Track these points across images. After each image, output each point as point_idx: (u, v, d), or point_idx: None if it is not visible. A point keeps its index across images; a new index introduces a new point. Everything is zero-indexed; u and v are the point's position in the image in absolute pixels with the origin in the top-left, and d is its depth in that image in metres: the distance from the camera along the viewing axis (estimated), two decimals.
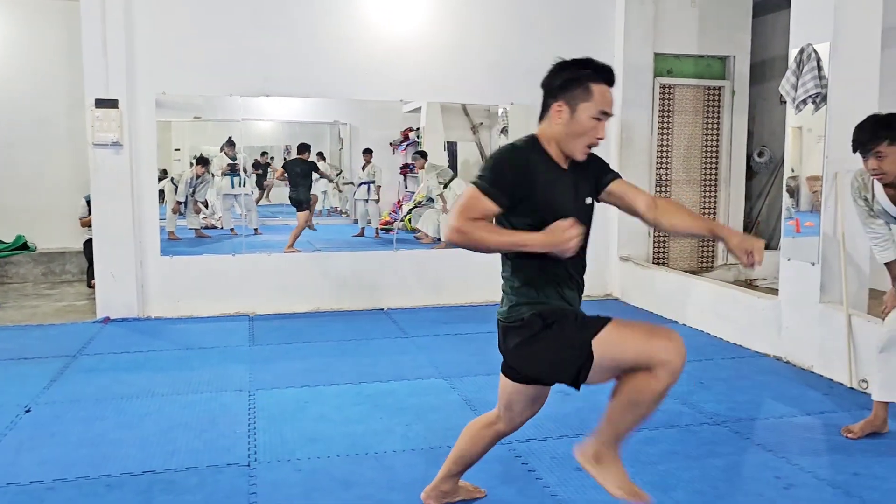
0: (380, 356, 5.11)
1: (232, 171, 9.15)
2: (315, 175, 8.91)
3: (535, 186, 2.26)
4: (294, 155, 9.01)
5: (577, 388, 2.32)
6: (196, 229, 9.01)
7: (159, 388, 4.35)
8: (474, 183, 2.24)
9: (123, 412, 3.93)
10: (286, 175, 8.50)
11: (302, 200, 8.33)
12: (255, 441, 3.51)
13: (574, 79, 2.27)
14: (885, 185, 3.35)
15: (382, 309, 6.71)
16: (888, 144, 3.19)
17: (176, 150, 10.35)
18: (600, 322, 2.27)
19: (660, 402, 2.29)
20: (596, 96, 2.26)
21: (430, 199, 8.98)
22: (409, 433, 3.65)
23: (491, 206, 2.23)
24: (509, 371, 2.46)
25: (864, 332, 4.36)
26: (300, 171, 8.45)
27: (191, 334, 5.75)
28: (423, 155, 8.88)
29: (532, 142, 2.34)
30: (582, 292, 2.47)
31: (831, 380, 4.56)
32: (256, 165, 10.33)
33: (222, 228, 9.41)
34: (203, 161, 8.96)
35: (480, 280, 7.05)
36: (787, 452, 3.41)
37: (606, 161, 2.60)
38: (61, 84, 8.09)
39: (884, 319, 3.61)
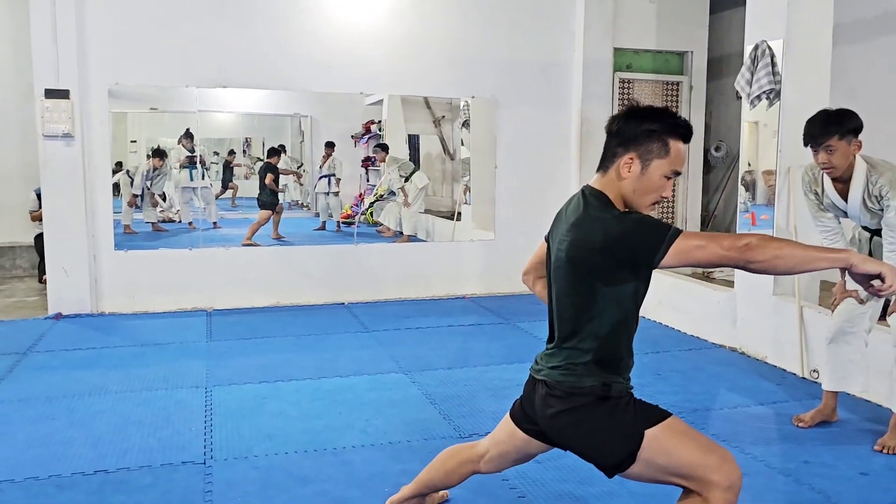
0: (340, 351, 5.08)
1: (190, 163, 8.98)
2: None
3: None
4: (255, 150, 8.98)
5: (611, 476, 2.12)
6: (153, 223, 8.83)
7: (113, 385, 4.26)
8: (674, 234, 1.91)
9: (75, 411, 3.84)
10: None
11: (265, 201, 8.33)
12: (212, 438, 3.46)
13: (653, 132, 2.04)
14: (834, 180, 3.42)
15: (343, 303, 6.67)
16: (838, 139, 3.26)
17: (132, 142, 10.12)
18: (660, 414, 2.09)
19: None
20: (672, 154, 2.04)
21: (392, 193, 8.95)
22: (368, 428, 3.63)
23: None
24: (526, 423, 2.29)
25: (815, 323, 4.46)
26: (264, 174, 8.49)
27: (146, 330, 5.64)
28: (385, 148, 8.84)
29: (612, 205, 2.06)
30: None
31: (784, 370, 4.66)
32: (227, 165, 10.23)
33: (180, 222, 9.24)
34: (159, 153, 8.78)
35: (441, 274, 7.07)
36: (741, 442, 3.48)
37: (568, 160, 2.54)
38: (7, 73, 7.85)
39: (833, 311, 3.70)
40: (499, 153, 7.17)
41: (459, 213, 8.09)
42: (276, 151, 8.82)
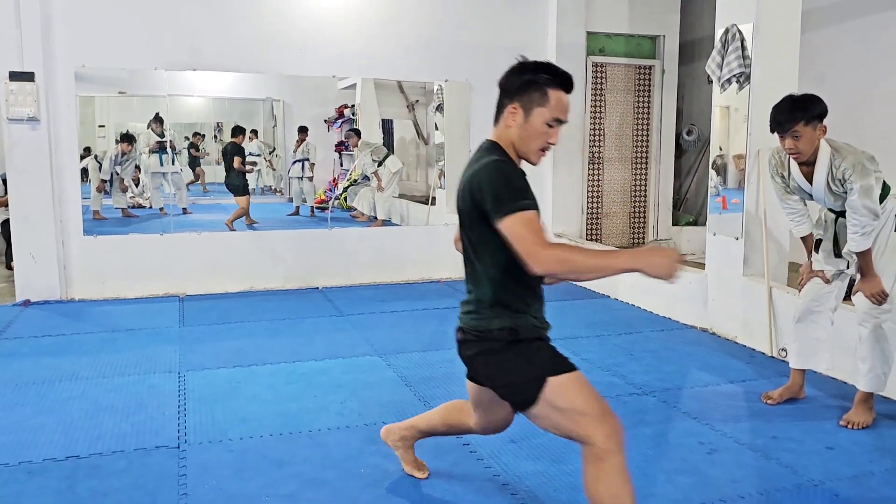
0: (314, 335, 5.07)
1: (160, 148, 8.84)
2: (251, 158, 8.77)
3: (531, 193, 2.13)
4: (227, 135, 8.80)
5: (520, 411, 2.26)
6: (123, 209, 8.70)
7: (83, 371, 4.21)
8: (522, 207, 2.01)
9: (45, 397, 3.79)
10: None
11: (237, 185, 8.15)
12: (185, 423, 3.44)
13: (532, 81, 2.17)
14: (800, 164, 3.48)
15: (317, 288, 6.65)
16: (804, 125, 3.31)
17: (100, 126, 9.94)
18: (568, 366, 2.18)
19: (627, 476, 2.11)
20: (552, 102, 2.16)
21: (366, 178, 8.91)
22: (343, 410, 3.63)
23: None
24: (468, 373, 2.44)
25: (783, 303, 4.54)
26: (231, 155, 8.27)
27: (117, 316, 5.58)
28: (357, 133, 8.79)
29: (503, 151, 2.21)
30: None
31: (753, 349, 4.74)
32: (193, 147, 10.04)
33: (151, 207, 9.12)
34: (128, 138, 8.63)
35: (415, 258, 7.07)
36: (711, 419, 3.54)
37: None
38: None
39: (800, 291, 3.77)
40: (473, 137, 7.16)
41: (434, 198, 8.09)
42: (240, 130, 8.63)
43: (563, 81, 2.19)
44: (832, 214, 3.62)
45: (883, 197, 3.42)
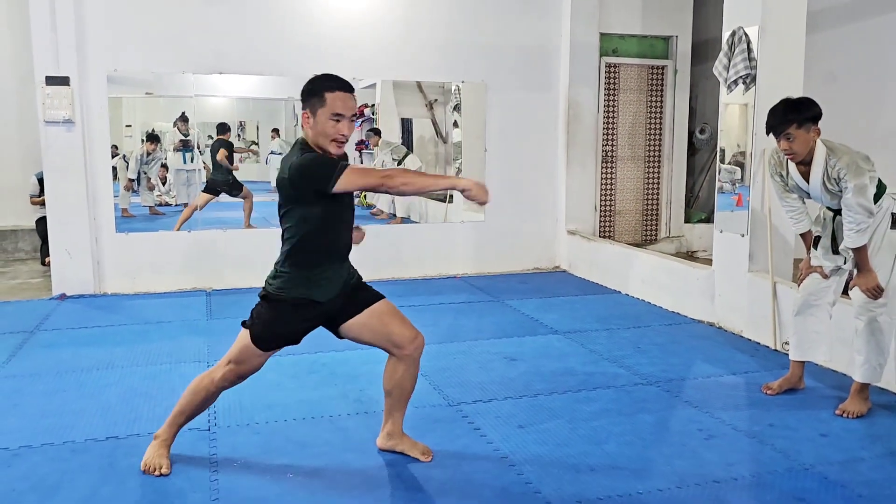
0: None
1: (185, 146, 9.10)
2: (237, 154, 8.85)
3: None
4: (249, 134, 8.99)
5: (244, 324, 2.96)
6: (150, 206, 8.99)
7: (119, 360, 4.48)
8: (342, 168, 2.62)
9: (84, 384, 4.05)
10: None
11: (226, 182, 8.16)
12: (215, 408, 3.67)
13: (311, 90, 2.72)
14: (798, 164, 3.64)
15: None
16: (796, 127, 3.48)
17: (127, 126, 10.24)
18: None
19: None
20: (328, 102, 2.68)
21: None
22: (362, 398, 3.85)
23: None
24: (254, 324, 2.93)
25: (787, 298, 4.68)
26: (214, 151, 8.35)
27: (148, 309, 5.85)
28: (377, 132, 9.00)
29: (306, 146, 2.76)
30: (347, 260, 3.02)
31: (758, 343, 4.90)
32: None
33: (176, 205, 9.40)
34: (153, 138, 8.90)
35: (433, 254, 7.28)
36: (711, 408, 3.72)
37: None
38: (6, 59, 7.98)
39: (799, 286, 3.93)
40: (489, 136, 7.36)
41: (451, 196, 8.28)
42: (226, 128, 8.75)
43: (339, 84, 2.73)
44: (830, 212, 3.77)
45: (878, 195, 3.57)
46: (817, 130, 3.53)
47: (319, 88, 2.72)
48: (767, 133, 3.61)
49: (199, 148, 9.28)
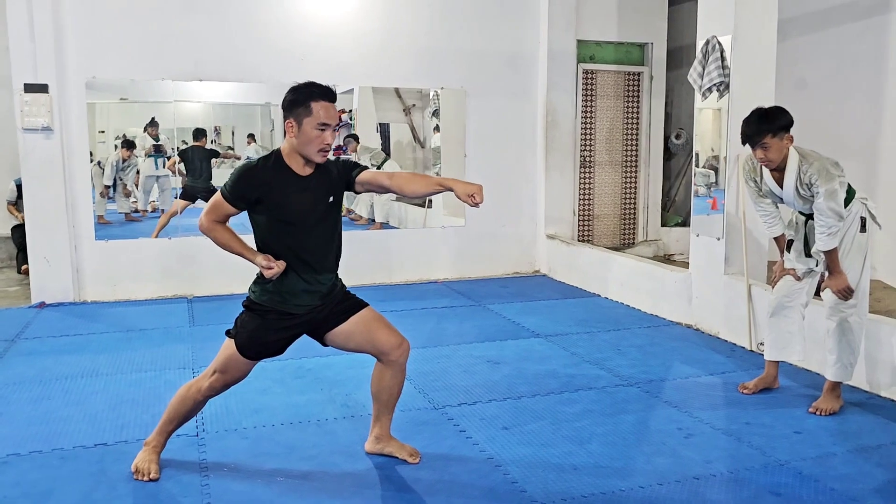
0: None
1: (157, 152, 9.04)
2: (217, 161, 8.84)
3: (268, 193, 2.77)
4: (225, 139, 8.95)
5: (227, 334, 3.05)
6: (126, 213, 8.94)
7: (103, 368, 4.48)
8: (220, 188, 2.79)
9: (69, 392, 4.05)
10: (182, 164, 8.38)
11: (205, 189, 8.17)
12: (202, 413, 3.68)
13: (296, 100, 2.74)
14: (771, 170, 3.76)
15: None
16: (771, 137, 3.60)
17: (100, 132, 10.17)
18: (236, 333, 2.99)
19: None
20: (314, 112, 2.71)
21: None
22: (348, 402, 3.90)
23: (230, 209, 2.80)
24: (238, 334, 3.02)
25: (762, 300, 4.80)
26: (198, 158, 8.35)
27: (130, 317, 5.84)
28: (356, 138, 9.03)
29: (273, 157, 2.83)
30: (333, 272, 3.04)
31: (735, 344, 5.02)
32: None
33: (153, 211, 9.35)
34: (129, 144, 8.85)
35: (414, 259, 7.34)
36: (690, 407, 3.82)
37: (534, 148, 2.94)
38: None
39: (773, 287, 4.05)
40: (468, 142, 7.44)
41: (431, 201, 8.34)
42: (202, 133, 8.76)
43: (323, 93, 2.74)
44: (802, 217, 3.89)
45: (848, 200, 3.69)
46: (790, 138, 3.65)
47: (304, 98, 2.73)
48: (743, 143, 3.73)
49: (168, 153, 9.15)
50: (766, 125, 3.60)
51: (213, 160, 8.63)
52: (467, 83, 7.32)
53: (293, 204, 2.80)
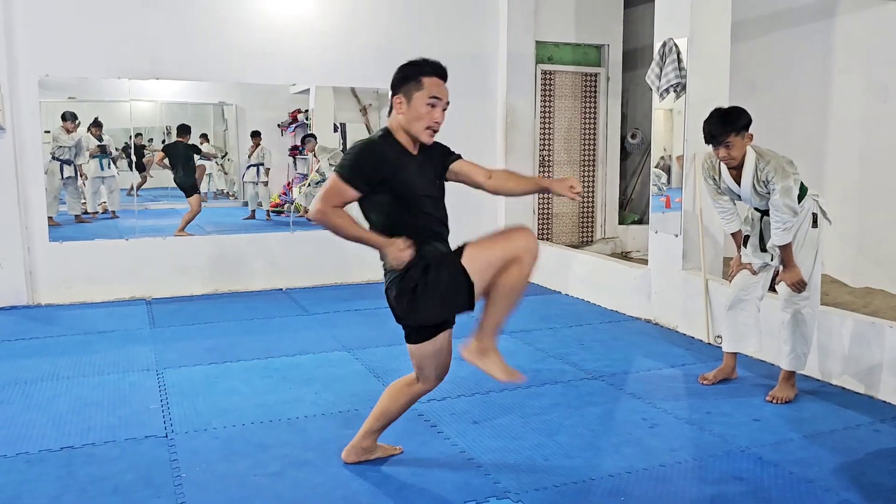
0: (283, 333, 5.31)
1: (102, 152, 8.86)
2: (197, 157, 8.76)
3: (394, 171, 2.66)
4: (174, 137, 8.83)
5: (472, 308, 2.70)
6: (77, 215, 8.74)
7: (63, 371, 4.39)
8: (336, 171, 2.62)
9: (30, 396, 3.97)
10: (167, 159, 8.31)
11: (188, 185, 8.18)
12: (170, 415, 3.67)
13: (407, 76, 2.69)
14: (730, 168, 3.89)
15: (281, 289, 6.87)
16: (734, 136, 3.73)
17: (46, 132, 9.93)
18: (459, 248, 2.70)
19: (527, 283, 2.78)
20: (426, 86, 2.67)
21: (318, 183, 9.09)
22: (318, 400, 3.90)
23: (351, 193, 2.65)
24: (409, 334, 2.83)
25: (718, 294, 4.96)
26: (182, 154, 8.29)
27: (87, 319, 5.72)
28: (314, 137, 8.98)
29: (384, 134, 2.74)
30: (448, 245, 2.87)
31: (693, 337, 5.16)
32: (136, 148, 10.00)
33: (104, 212, 9.16)
34: (98, 124, 8.65)
35: (375, 258, 7.31)
36: (653, 399, 3.93)
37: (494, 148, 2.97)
38: None
39: (730, 282, 4.19)
40: None
41: None
42: (186, 129, 8.68)
43: (434, 69, 2.71)
44: (758, 213, 4.03)
45: (801, 197, 3.84)
46: (750, 136, 3.79)
47: (416, 73, 2.69)
48: (707, 142, 3.84)
49: (113, 153, 8.96)
50: (730, 125, 3.73)
51: (196, 156, 8.54)
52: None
53: (417, 182, 2.72)
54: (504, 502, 2.80)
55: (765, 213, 3.95)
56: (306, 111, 9.73)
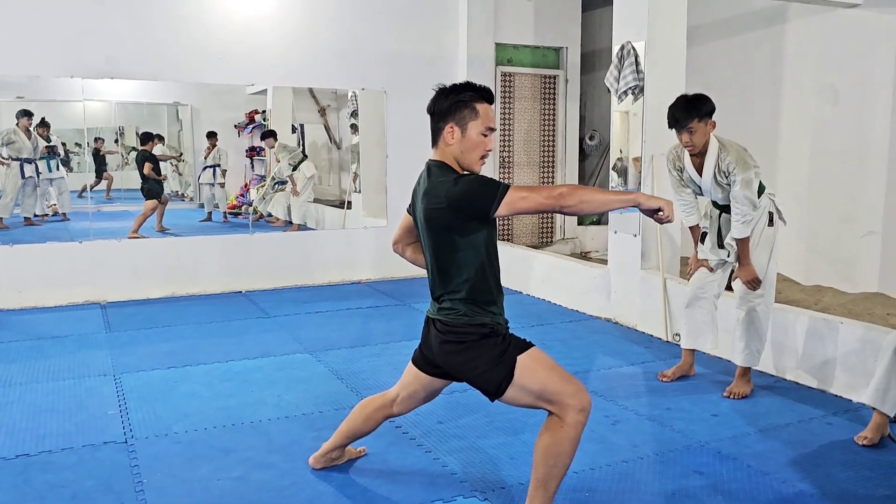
0: (244, 335, 5.25)
1: (49, 153, 8.66)
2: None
3: None
4: (129, 139, 8.72)
5: (493, 399, 2.52)
6: (27, 217, 8.51)
7: (16, 377, 4.27)
8: (504, 189, 2.31)
9: None
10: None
11: (151, 190, 8.11)
12: (129, 420, 3.60)
13: (460, 101, 2.47)
14: (693, 156, 3.96)
15: (241, 291, 6.79)
16: (697, 121, 3.81)
17: None
18: (526, 343, 2.52)
19: (576, 447, 2.46)
20: (481, 114, 2.47)
21: (280, 183, 9.02)
22: (281, 403, 3.87)
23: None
24: (427, 366, 2.69)
25: (676, 293, 5.06)
26: (142, 162, 8.25)
27: (40, 324, 5.58)
28: (273, 134, 8.88)
29: (452, 168, 2.49)
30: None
31: (651, 335, 5.25)
32: (97, 154, 9.82)
33: (54, 215, 8.94)
34: (45, 123, 8.44)
35: (336, 261, 7.31)
36: (615, 396, 3.98)
37: None
38: None
39: (689, 279, 4.27)
40: (389, 143, 7.47)
41: (350, 202, 8.33)
42: (150, 137, 8.60)
43: (486, 95, 2.52)
44: (716, 210, 4.11)
45: (759, 194, 3.93)
46: (713, 124, 3.87)
47: (469, 99, 2.47)
48: (670, 127, 3.91)
49: (59, 154, 8.76)
50: (694, 110, 3.81)
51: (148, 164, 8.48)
52: (388, 85, 7.34)
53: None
54: (471, 501, 2.82)
55: (723, 209, 4.04)
56: (264, 112, 9.63)
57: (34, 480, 2.94)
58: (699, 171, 3.98)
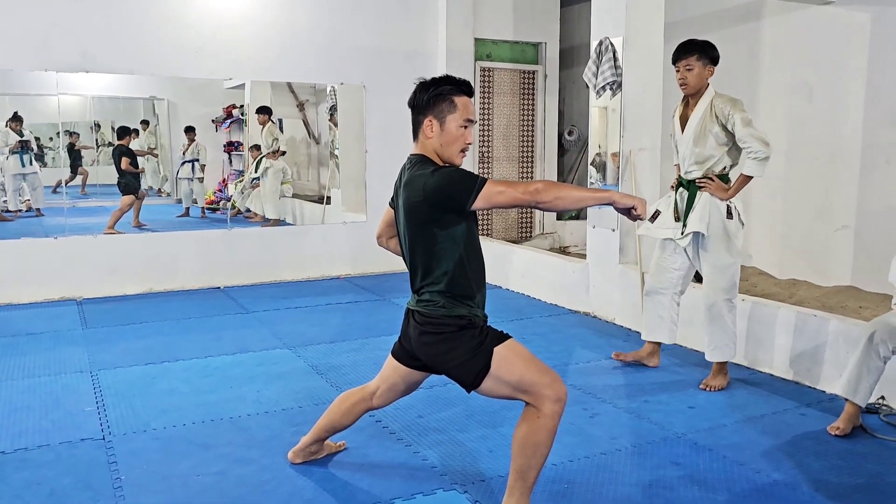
0: (222, 331, 5.22)
1: (23, 148, 8.54)
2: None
3: None
4: (106, 135, 8.63)
5: (470, 391, 2.53)
6: None
7: None
8: (482, 182, 2.33)
9: None
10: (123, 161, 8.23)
11: (127, 185, 8.05)
12: (107, 416, 3.57)
13: (439, 95, 2.48)
14: (685, 106, 3.98)
15: (219, 287, 6.75)
16: (696, 59, 3.86)
17: None
18: (503, 335, 2.52)
19: (553, 437, 2.46)
20: (459, 107, 2.48)
21: (255, 179, 8.95)
22: (260, 398, 3.86)
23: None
24: (407, 358, 2.69)
25: None
26: (119, 157, 8.19)
27: (14, 321, 5.51)
28: (268, 111, 8.77)
29: (432, 161, 2.50)
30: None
31: (629, 329, 5.30)
32: (72, 149, 9.69)
33: (28, 210, 8.82)
34: (18, 118, 8.32)
35: (315, 256, 7.29)
36: (593, 389, 4.02)
37: None
38: None
39: (650, 220, 4.22)
40: (368, 138, 7.45)
41: (329, 197, 8.30)
42: (126, 131, 8.53)
43: (465, 88, 2.52)
44: (678, 186, 4.09)
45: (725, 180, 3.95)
46: (711, 70, 3.90)
47: (447, 92, 2.47)
48: (673, 62, 3.95)
49: (33, 149, 8.65)
50: (697, 49, 3.87)
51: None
52: (367, 80, 7.33)
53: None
54: (451, 493, 2.83)
55: (681, 184, 4.03)
56: (241, 107, 9.56)
57: (11, 478, 2.91)
58: (684, 124, 3.97)
